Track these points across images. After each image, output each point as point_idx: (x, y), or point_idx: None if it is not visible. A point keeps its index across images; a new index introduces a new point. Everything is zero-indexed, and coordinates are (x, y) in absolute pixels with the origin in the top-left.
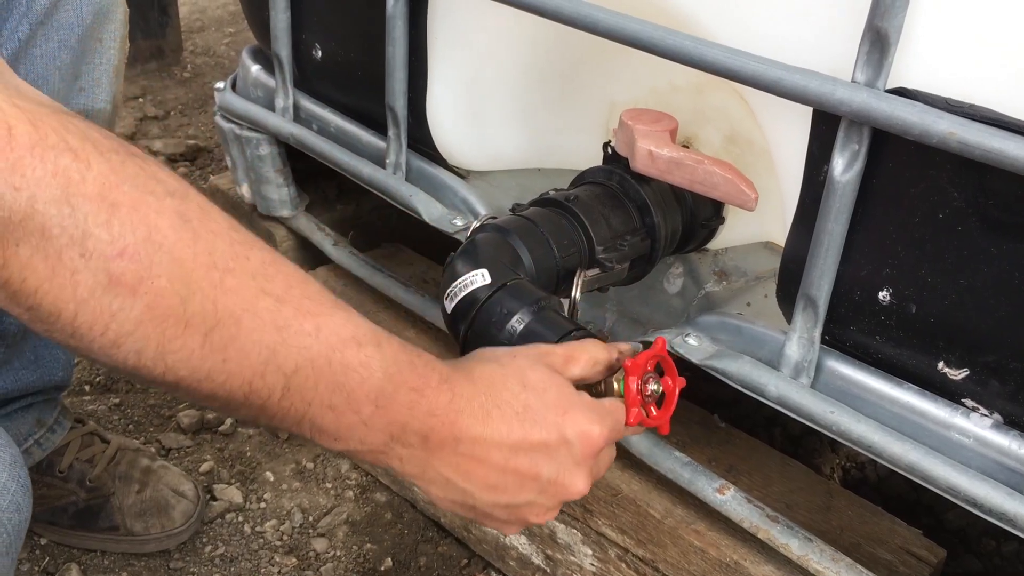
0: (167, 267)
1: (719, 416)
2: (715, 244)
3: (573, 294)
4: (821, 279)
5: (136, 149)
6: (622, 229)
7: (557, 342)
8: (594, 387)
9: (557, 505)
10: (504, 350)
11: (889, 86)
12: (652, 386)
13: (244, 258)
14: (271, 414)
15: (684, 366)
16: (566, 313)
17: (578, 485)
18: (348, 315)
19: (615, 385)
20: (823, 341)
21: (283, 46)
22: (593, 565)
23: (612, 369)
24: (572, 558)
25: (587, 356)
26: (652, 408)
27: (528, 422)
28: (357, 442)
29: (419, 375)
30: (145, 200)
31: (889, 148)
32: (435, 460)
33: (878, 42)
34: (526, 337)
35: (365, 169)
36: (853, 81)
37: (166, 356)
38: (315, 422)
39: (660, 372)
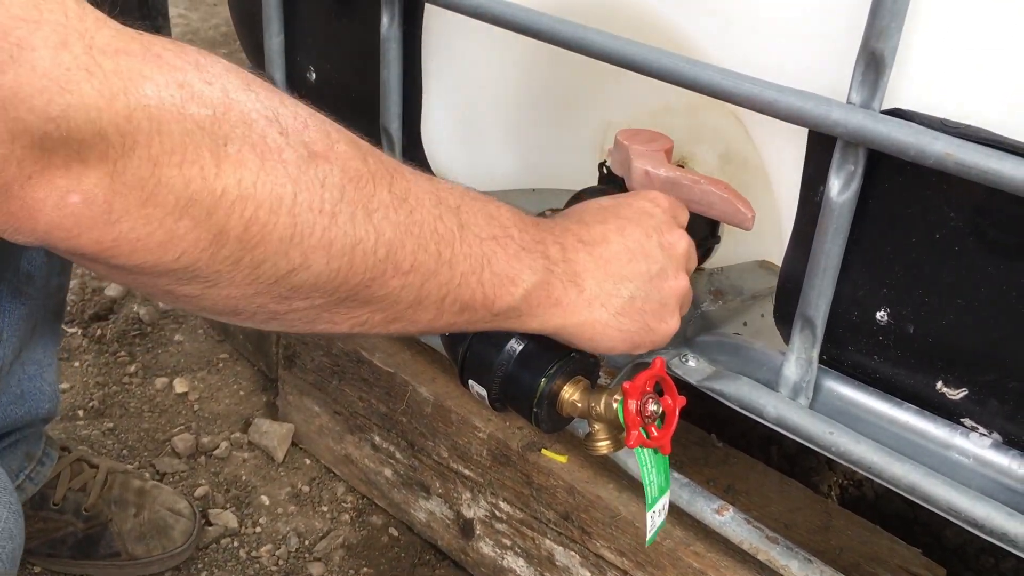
0: (336, 132)
1: (715, 436)
2: (710, 263)
3: None
4: (818, 299)
5: None
6: None
7: (558, 363)
8: (592, 409)
9: (681, 265)
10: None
11: (884, 107)
12: (652, 407)
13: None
14: (457, 262)
15: (679, 385)
16: None
17: (682, 242)
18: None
19: (614, 407)
20: (821, 361)
21: (277, 68)
22: None
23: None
24: None
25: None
26: (653, 428)
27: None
28: (527, 270)
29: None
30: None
31: (885, 169)
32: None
33: (873, 63)
34: (525, 358)
35: None
36: (848, 102)
37: (372, 216)
38: (489, 258)
39: (659, 392)
